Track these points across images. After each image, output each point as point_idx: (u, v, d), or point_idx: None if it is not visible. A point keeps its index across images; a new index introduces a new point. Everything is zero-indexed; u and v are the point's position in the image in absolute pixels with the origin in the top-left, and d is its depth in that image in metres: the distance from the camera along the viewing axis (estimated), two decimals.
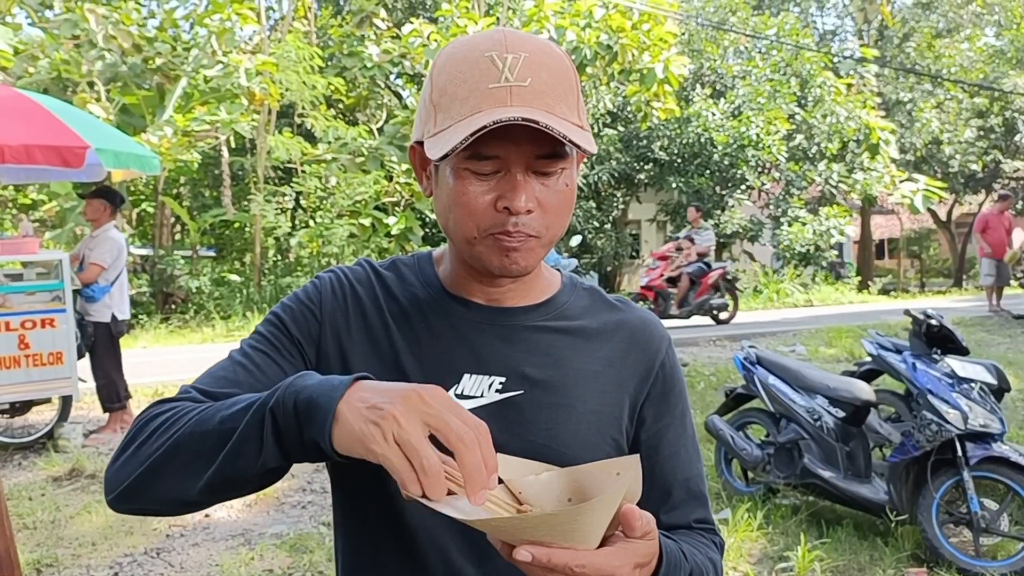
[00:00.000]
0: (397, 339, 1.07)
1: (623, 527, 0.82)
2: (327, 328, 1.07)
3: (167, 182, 17.02)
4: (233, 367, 1.02)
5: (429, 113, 0.97)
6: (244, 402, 0.87)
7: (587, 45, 15.31)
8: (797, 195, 21.03)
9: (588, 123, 1.01)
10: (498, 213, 0.95)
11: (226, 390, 0.98)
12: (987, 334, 11.11)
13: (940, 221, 29.14)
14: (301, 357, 1.06)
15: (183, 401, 0.96)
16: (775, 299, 18.24)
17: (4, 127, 5.56)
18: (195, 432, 0.87)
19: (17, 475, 5.54)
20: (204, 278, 15.56)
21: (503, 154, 0.93)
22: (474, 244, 0.99)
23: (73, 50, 13.84)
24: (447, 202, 0.98)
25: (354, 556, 1.10)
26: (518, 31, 0.98)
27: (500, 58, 0.93)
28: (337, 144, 16.45)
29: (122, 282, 6.48)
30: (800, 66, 21.52)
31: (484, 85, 0.92)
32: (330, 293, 1.09)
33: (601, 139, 20.22)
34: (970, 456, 3.76)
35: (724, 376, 8.37)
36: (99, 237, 6.32)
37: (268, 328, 1.07)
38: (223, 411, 0.87)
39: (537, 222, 0.97)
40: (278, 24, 19.04)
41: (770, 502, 4.64)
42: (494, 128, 0.88)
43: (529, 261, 0.99)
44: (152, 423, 0.92)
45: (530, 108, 0.91)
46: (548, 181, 0.97)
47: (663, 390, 1.13)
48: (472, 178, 0.95)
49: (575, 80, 0.98)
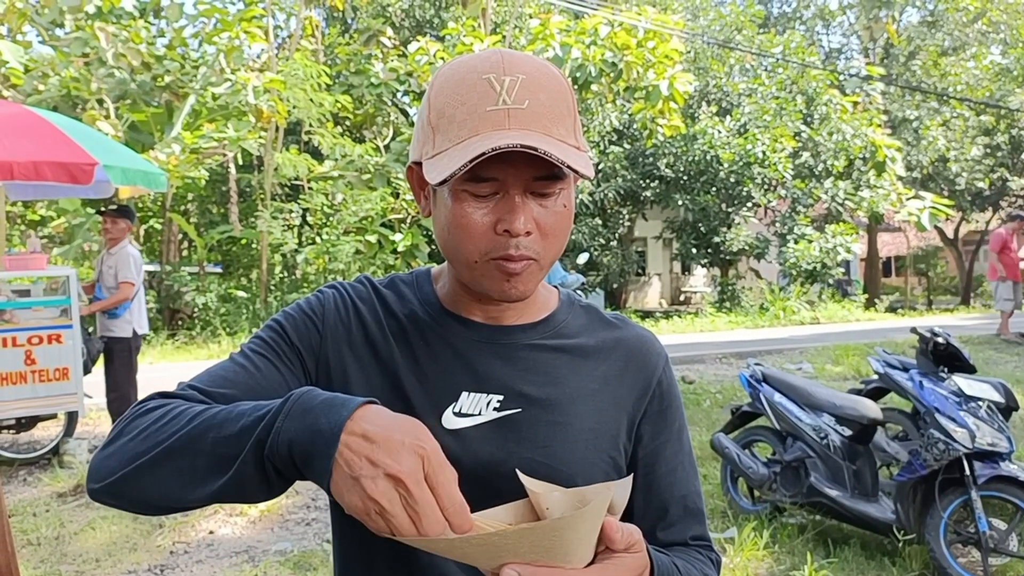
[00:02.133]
0: (396, 357, 1.07)
1: (604, 541, 0.82)
2: (328, 341, 1.07)
3: (175, 199, 17.11)
4: (233, 368, 1.02)
5: (427, 135, 0.97)
6: (235, 425, 0.84)
7: (592, 63, 15.38)
8: (803, 212, 21.03)
9: (585, 143, 1.01)
10: (498, 236, 0.96)
11: (223, 390, 0.97)
12: (994, 352, 11.07)
13: (947, 239, 29.09)
14: (300, 365, 1.06)
15: (178, 399, 0.94)
16: (781, 316, 18.20)
17: (13, 144, 5.60)
18: (187, 447, 0.85)
19: (22, 491, 5.54)
20: (211, 294, 15.60)
21: (501, 176, 0.94)
22: (475, 269, 0.99)
23: (83, 68, 13.96)
24: (446, 224, 0.99)
25: (350, 570, 1.10)
26: (516, 52, 0.99)
27: (498, 80, 0.93)
28: (344, 161, 16.53)
29: (140, 297, 6.55)
30: (806, 84, 21.57)
31: (482, 108, 0.92)
32: (333, 307, 1.09)
33: (607, 156, 20.26)
34: (978, 475, 3.73)
35: (730, 394, 8.35)
36: (117, 255, 6.37)
37: (269, 333, 1.07)
38: (214, 431, 0.85)
39: (536, 244, 0.97)
40: (286, 42, 19.21)
41: (776, 521, 4.61)
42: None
43: (528, 286, 1.00)
44: (145, 419, 0.91)
45: (528, 131, 0.91)
46: (546, 202, 0.97)
47: (660, 407, 1.13)
48: (471, 200, 0.95)
49: (572, 101, 0.99)
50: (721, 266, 22.34)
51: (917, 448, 3.96)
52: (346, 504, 0.77)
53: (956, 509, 3.83)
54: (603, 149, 20.48)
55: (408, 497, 0.75)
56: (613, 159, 20.17)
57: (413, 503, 0.75)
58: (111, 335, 6.38)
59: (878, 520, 4.09)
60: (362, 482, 0.75)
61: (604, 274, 21.06)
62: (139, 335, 6.55)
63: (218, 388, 0.98)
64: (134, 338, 6.47)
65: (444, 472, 0.77)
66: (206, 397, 0.96)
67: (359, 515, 0.76)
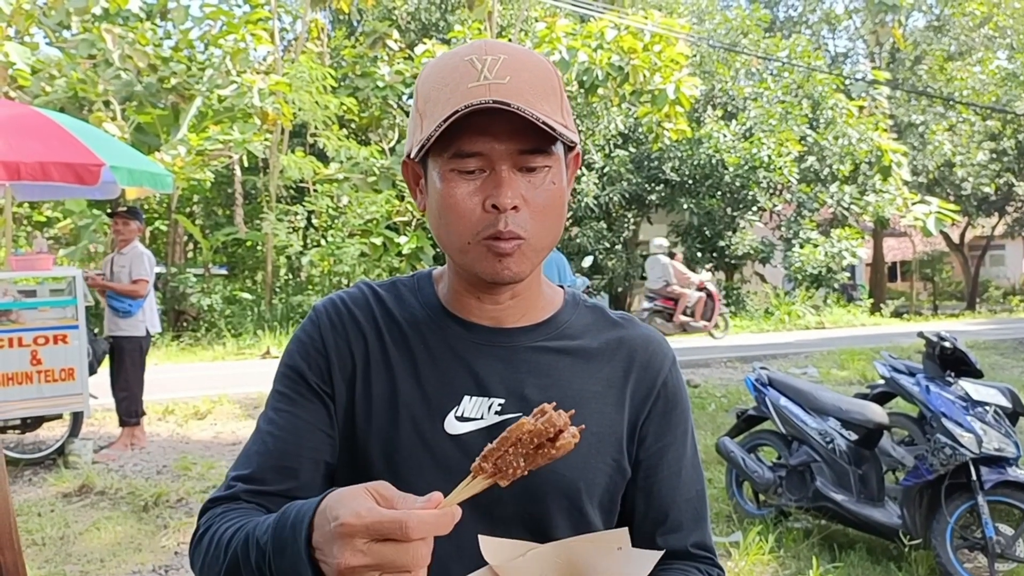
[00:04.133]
0: (396, 362, 1.06)
1: None
2: (334, 360, 1.07)
3: (180, 200, 17.14)
4: (263, 440, 1.05)
5: (416, 123, 0.99)
6: (254, 551, 0.88)
7: (599, 66, 15.39)
8: (809, 217, 20.99)
9: (574, 125, 1.01)
10: (487, 213, 0.95)
11: (261, 465, 1.03)
12: (1001, 357, 11.04)
13: (953, 244, 29.03)
14: (322, 398, 1.06)
15: (228, 504, 1.01)
16: (786, 321, 18.17)
17: (20, 145, 5.62)
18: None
19: (27, 491, 5.54)
20: (216, 296, 15.61)
21: (486, 151, 0.94)
22: (467, 252, 0.99)
23: (89, 69, 14.01)
24: (437, 208, 0.99)
25: None
26: (501, 40, 0.99)
27: (479, 59, 0.94)
28: (349, 164, 16.54)
29: (152, 297, 6.62)
30: (812, 88, 21.54)
31: (464, 85, 0.93)
32: (328, 324, 1.09)
33: (612, 160, 20.23)
34: (985, 480, 3.72)
35: (735, 398, 8.33)
36: (130, 255, 6.42)
37: (285, 384, 1.08)
38: (242, 559, 0.90)
39: (526, 221, 0.97)
40: (292, 45, 19.21)
41: (782, 525, 4.60)
42: (475, 124, 0.89)
43: (521, 267, 0.99)
44: (205, 539, 0.98)
45: (508, 101, 0.91)
46: (534, 179, 0.97)
47: (665, 409, 1.12)
48: (458, 179, 0.96)
49: (559, 84, 0.99)
50: (726, 270, 22.29)
51: (923, 453, 3.95)
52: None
53: (962, 514, 3.81)
54: (608, 153, 20.45)
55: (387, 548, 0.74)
56: (618, 163, 20.14)
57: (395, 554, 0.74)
58: (123, 334, 6.43)
59: (884, 525, 4.07)
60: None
61: (608, 278, 21.02)
62: (151, 334, 6.60)
63: (257, 469, 1.03)
64: (146, 337, 6.54)
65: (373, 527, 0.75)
66: (249, 485, 1.02)
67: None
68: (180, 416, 7.86)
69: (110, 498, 5.36)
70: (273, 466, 1.02)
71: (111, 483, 5.56)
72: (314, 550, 0.79)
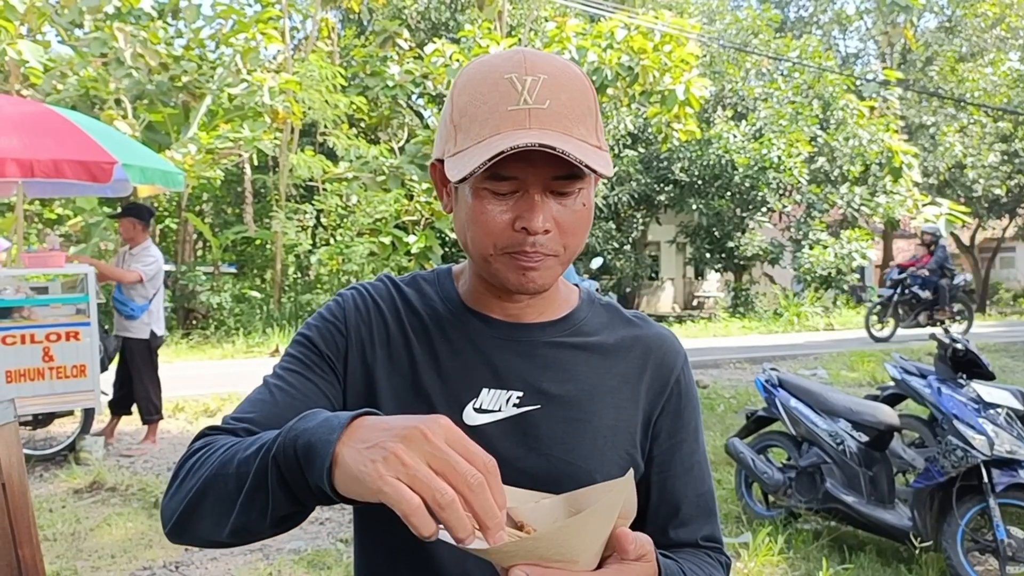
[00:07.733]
0: (417, 353, 1.08)
1: (616, 550, 0.81)
2: (353, 343, 1.09)
3: (190, 199, 17.20)
4: (268, 391, 1.04)
5: (450, 133, 0.98)
6: (258, 443, 0.85)
7: (608, 66, 15.38)
8: (818, 218, 20.93)
9: (606, 143, 1.02)
10: (515, 233, 0.97)
11: (263, 413, 1.00)
12: (1012, 360, 10.99)
13: (963, 246, 28.89)
14: (332, 373, 1.07)
15: (220, 434, 0.97)
16: (795, 322, 18.11)
17: (34, 142, 5.65)
18: (219, 474, 0.87)
19: (39, 487, 5.57)
20: (225, 294, 15.67)
21: (521, 175, 0.95)
22: (491, 261, 1.00)
23: (101, 68, 14.06)
24: (465, 220, 1.00)
25: (372, 571, 1.11)
26: (538, 51, 0.99)
27: (519, 80, 0.94)
28: (358, 163, 16.57)
29: (159, 299, 6.63)
30: (822, 88, 21.48)
31: (503, 107, 0.93)
32: (353, 309, 1.11)
33: (621, 160, 20.22)
34: (996, 483, 3.70)
35: (744, 399, 8.32)
36: (139, 254, 6.45)
37: (297, 349, 1.09)
38: (240, 453, 0.86)
39: (554, 242, 0.98)
40: (302, 44, 19.27)
41: (791, 527, 4.59)
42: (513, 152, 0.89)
43: (546, 279, 1.01)
44: (192, 458, 0.94)
45: (548, 131, 0.92)
46: (565, 201, 0.98)
47: (678, 406, 1.14)
48: (490, 198, 0.97)
49: (594, 101, 0.99)
50: (735, 271, 22.27)
51: (934, 455, 3.93)
52: (360, 476, 0.73)
53: (973, 517, 3.80)
54: (618, 153, 20.45)
55: (404, 470, 0.71)
56: (628, 163, 20.14)
57: (438, 463, 0.72)
58: (129, 336, 6.47)
59: (894, 527, 4.06)
60: (376, 448, 0.73)
61: (617, 278, 21.04)
62: (158, 336, 6.63)
63: (257, 413, 1.00)
64: (152, 339, 6.56)
65: (453, 440, 0.74)
66: (249, 424, 0.98)
67: (368, 483, 0.72)
68: (190, 414, 7.90)
69: (121, 494, 5.39)
70: (279, 415, 0.98)
71: (122, 479, 5.59)
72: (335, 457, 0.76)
